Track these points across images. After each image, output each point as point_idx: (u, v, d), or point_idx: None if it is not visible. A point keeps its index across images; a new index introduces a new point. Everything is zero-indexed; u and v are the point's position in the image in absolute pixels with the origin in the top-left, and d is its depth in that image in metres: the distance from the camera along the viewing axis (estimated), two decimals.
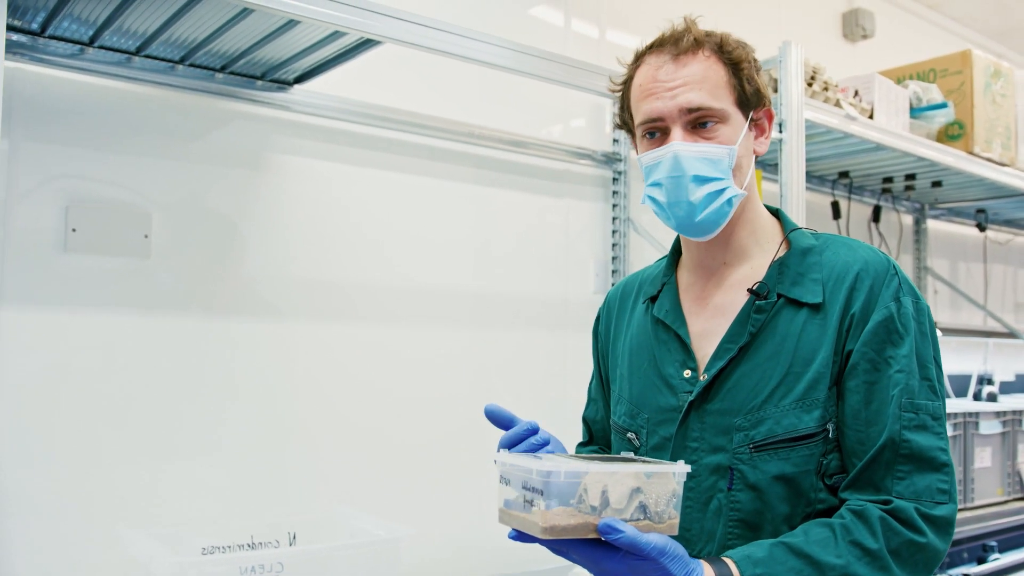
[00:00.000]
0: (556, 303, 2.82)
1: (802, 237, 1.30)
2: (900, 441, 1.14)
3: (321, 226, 2.32)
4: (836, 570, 1.09)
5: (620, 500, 1.04)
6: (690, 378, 1.26)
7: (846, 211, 3.64)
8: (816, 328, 1.21)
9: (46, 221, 1.93)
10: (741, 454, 1.20)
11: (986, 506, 3.46)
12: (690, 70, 1.23)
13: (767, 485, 1.18)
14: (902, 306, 1.19)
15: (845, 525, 1.13)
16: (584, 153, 2.88)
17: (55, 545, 1.90)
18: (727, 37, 1.26)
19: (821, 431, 1.18)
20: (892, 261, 1.24)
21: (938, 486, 1.14)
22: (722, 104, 1.23)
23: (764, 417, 1.19)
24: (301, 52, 1.99)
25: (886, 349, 1.17)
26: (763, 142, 1.31)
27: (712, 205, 1.23)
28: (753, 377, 1.21)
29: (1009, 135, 3.42)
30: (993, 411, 3.56)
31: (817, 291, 1.22)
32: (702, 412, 1.24)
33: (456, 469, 2.51)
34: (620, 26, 3.06)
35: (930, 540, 1.12)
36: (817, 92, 2.69)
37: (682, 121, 1.23)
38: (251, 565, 1.66)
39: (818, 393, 1.18)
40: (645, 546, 1.01)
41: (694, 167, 1.22)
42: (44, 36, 1.87)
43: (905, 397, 1.16)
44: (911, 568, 1.13)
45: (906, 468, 1.14)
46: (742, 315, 1.25)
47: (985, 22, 4.82)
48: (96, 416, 1.97)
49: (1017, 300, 4.92)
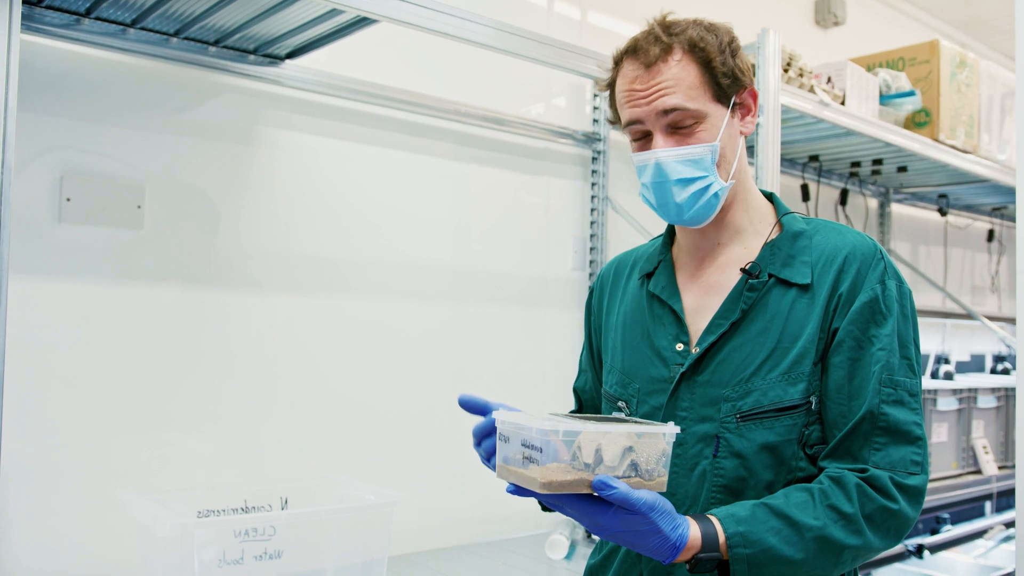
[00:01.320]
0: (535, 280, 2.88)
1: (794, 221, 1.35)
2: (878, 414, 1.21)
3: (310, 199, 2.36)
4: (813, 531, 1.16)
5: (613, 458, 1.11)
6: (682, 351, 1.32)
7: (815, 194, 3.74)
8: (804, 307, 1.27)
9: (40, 191, 1.95)
10: (728, 423, 1.26)
11: (941, 479, 3.61)
12: (663, 76, 1.26)
13: (752, 453, 1.25)
14: (887, 288, 1.26)
15: (823, 490, 1.19)
16: (564, 132, 2.94)
17: (54, 515, 1.94)
18: (696, 33, 1.28)
19: (804, 403, 1.25)
20: (879, 246, 1.30)
21: (912, 458, 1.21)
22: (698, 104, 1.27)
23: (751, 389, 1.26)
24: (296, 28, 2.02)
25: (870, 328, 1.24)
26: (749, 122, 1.35)
27: (698, 202, 1.30)
28: (743, 351, 1.28)
29: (972, 123, 3.54)
30: (950, 389, 3.71)
31: (806, 272, 1.28)
32: (692, 383, 1.30)
33: (438, 439, 2.58)
34: (602, 8, 3.11)
35: (902, 507, 1.20)
36: (793, 78, 2.77)
37: (661, 124, 1.28)
38: (245, 528, 1.70)
39: (803, 367, 1.25)
40: (636, 501, 1.08)
41: (676, 171, 1.28)
42: (40, 6, 1.88)
43: (885, 373, 1.23)
44: (883, 533, 1.20)
45: (883, 440, 1.21)
46: (734, 293, 1.31)
47: (951, 13, 4.94)
48: (90, 386, 2.00)
49: (975, 283, 5.08)
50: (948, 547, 3.20)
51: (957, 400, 3.73)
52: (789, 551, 1.16)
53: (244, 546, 1.71)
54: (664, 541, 1.11)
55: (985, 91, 3.63)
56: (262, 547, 1.73)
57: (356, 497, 1.94)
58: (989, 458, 3.82)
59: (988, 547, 3.24)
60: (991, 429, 3.94)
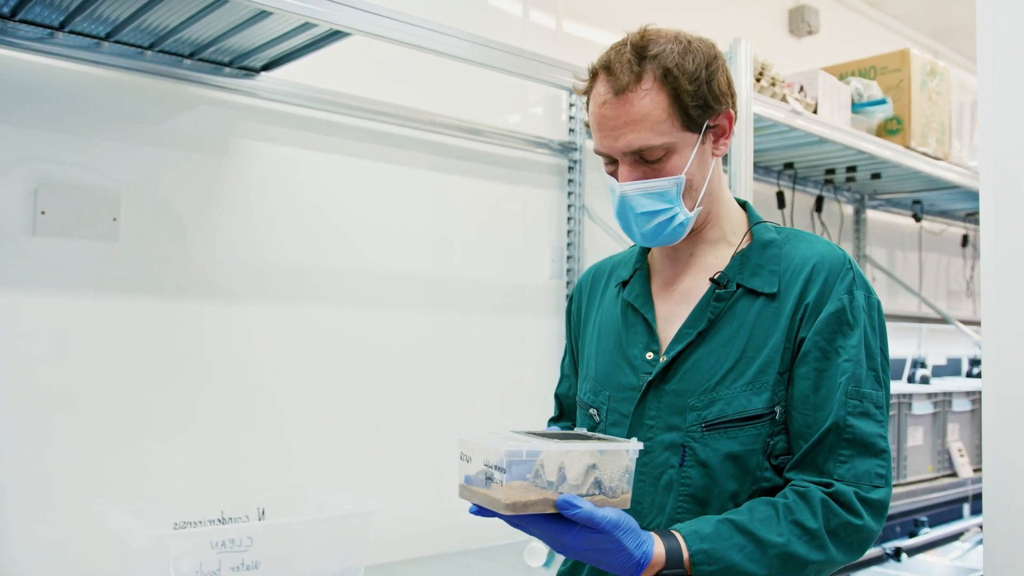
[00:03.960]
0: (513, 289, 2.90)
1: (765, 231, 1.36)
2: (844, 426, 1.21)
3: (286, 210, 2.37)
4: (777, 547, 1.16)
5: (577, 477, 1.11)
6: (651, 360, 1.33)
7: (790, 201, 3.78)
8: (770, 316, 1.27)
9: (15, 204, 1.95)
10: (694, 432, 1.27)
11: (918, 482, 3.65)
12: (633, 109, 1.24)
13: (716, 462, 1.25)
14: (854, 299, 1.26)
15: (788, 505, 1.20)
16: (541, 142, 2.96)
17: (30, 525, 1.93)
18: (673, 56, 1.25)
19: (768, 413, 1.25)
20: (848, 257, 1.30)
21: (876, 471, 1.22)
22: (664, 138, 1.25)
23: (716, 398, 1.27)
24: (270, 41, 2.04)
25: (836, 339, 1.24)
26: (723, 144, 1.33)
27: (663, 232, 1.31)
28: (709, 360, 1.28)
29: (943, 131, 3.59)
30: (925, 393, 3.75)
31: (773, 282, 1.29)
32: (660, 392, 1.31)
33: (416, 449, 2.59)
34: (577, 18, 3.14)
35: (866, 522, 1.20)
36: (765, 87, 2.81)
37: (628, 158, 1.28)
38: (222, 540, 1.70)
39: (767, 377, 1.25)
40: (601, 520, 1.09)
41: (640, 204, 1.29)
42: (14, 20, 1.88)
43: (852, 385, 1.23)
44: (846, 548, 1.20)
45: (848, 452, 1.22)
46: (702, 302, 1.32)
47: (923, 21, 5.01)
48: (67, 397, 2.00)
49: (950, 288, 5.14)
50: (925, 549, 3.22)
51: (932, 404, 3.77)
52: (753, 568, 1.16)
53: (221, 557, 1.71)
54: (628, 559, 1.12)
55: (956, 99, 3.69)
56: (239, 558, 1.73)
57: (333, 506, 1.94)
58: (964, 461, 3.86)
59: (965, 549, 3.27)
60: (966, 432, 3.98)
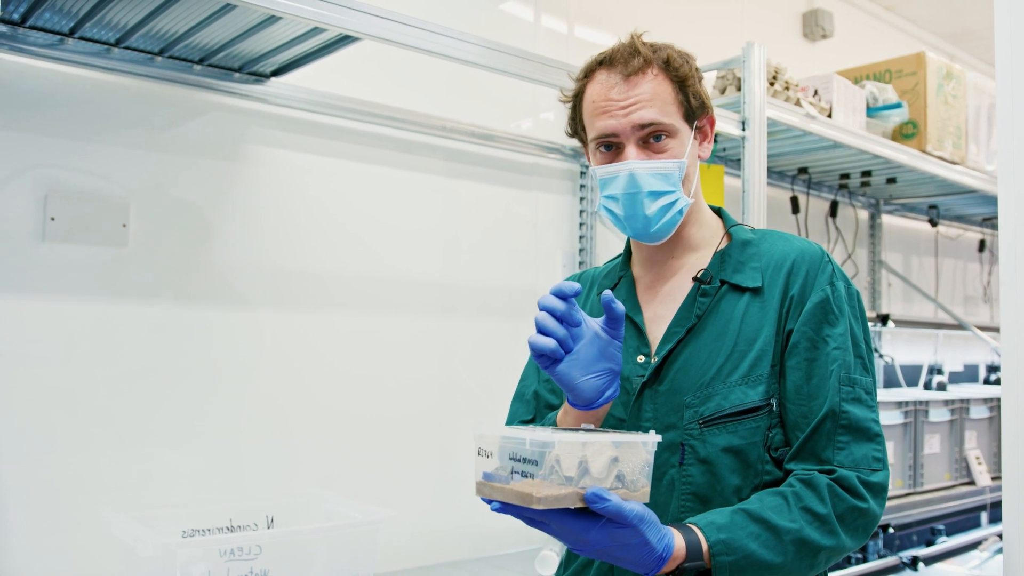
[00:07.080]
0: (524, 294, 2.88)
1: (741, 231, 1.41)
2: (839, 412, 1.25)
3: (296, 216, 2.37)
4: (791, 533, 1.19)
5: (601, 470, 1.09)
6: (643, 363, 1.35)
7: (805, 206, 3.75)
8: (757, 311, 1.31)
9: (24, 210, 1.95)
10: (692, 430, 1.28)
11: (935, 490, 3.60)
12: (641, 89, 1.30)
13: (717, 458, 1.27)
14: (836, 289, 1.31)
15: (796, 493, 1.22)
16: (552, 147, 2.94)
17: (38, 531, 1.93)
18: (672, 53, 1.33)
19: (765, 404, 1.28)
20: (825, 251, 1.35)
21: (873, 455, 1.25)
22: (671, 119, 1.31)
23: (712, 394, 1.28)
24: (280, 47, 2.03)
25: (823, 328, 1.28)
26: (706, 147, 1.41)
27: (665, 216, 1.33)
28: (700, 357, 1.31)
29: (960, 134, 3.55)
30: (942, 400, 3.70)
31: (757, 277, 1.33)
32: (654, 392, 1.32)
33: (427, 455, 2.57)
34: (588, 23, 3.12)
35: (871, 505, 1.23)
36: (779, 91, 2.78)
37: (635, 137, 1.31)
38: (231, 548, 1.70)
39: (761, 369, 1.28)
40: (629, 514, 1.07)
41: (648, 183, 1.31)
42: (24, 27, 1.89)
43: (843, 372, 1.27)
44: (853, 532, 1.23)
45: (845, 438, 1.25)
46: (688, 300, 1.35)
47: (939, 25, 4.97)
48: (76, 403, 1.99)
49: (967, 293, 5.09)
50: (943, 559, 3.19)
51: (949, 411, 3.72)
52: (769, 555, 1.17)
53: (230, 565, 1.70)
54: (651, 553, 1.11)
55: (972, 102, 3.65)
56: (248, 566, 1.72)
57: (342, 514, 1.94)
58: (983, 469, 3.81)
59: (983, 558, 3.23)
60: (984, 440, 3.93)
